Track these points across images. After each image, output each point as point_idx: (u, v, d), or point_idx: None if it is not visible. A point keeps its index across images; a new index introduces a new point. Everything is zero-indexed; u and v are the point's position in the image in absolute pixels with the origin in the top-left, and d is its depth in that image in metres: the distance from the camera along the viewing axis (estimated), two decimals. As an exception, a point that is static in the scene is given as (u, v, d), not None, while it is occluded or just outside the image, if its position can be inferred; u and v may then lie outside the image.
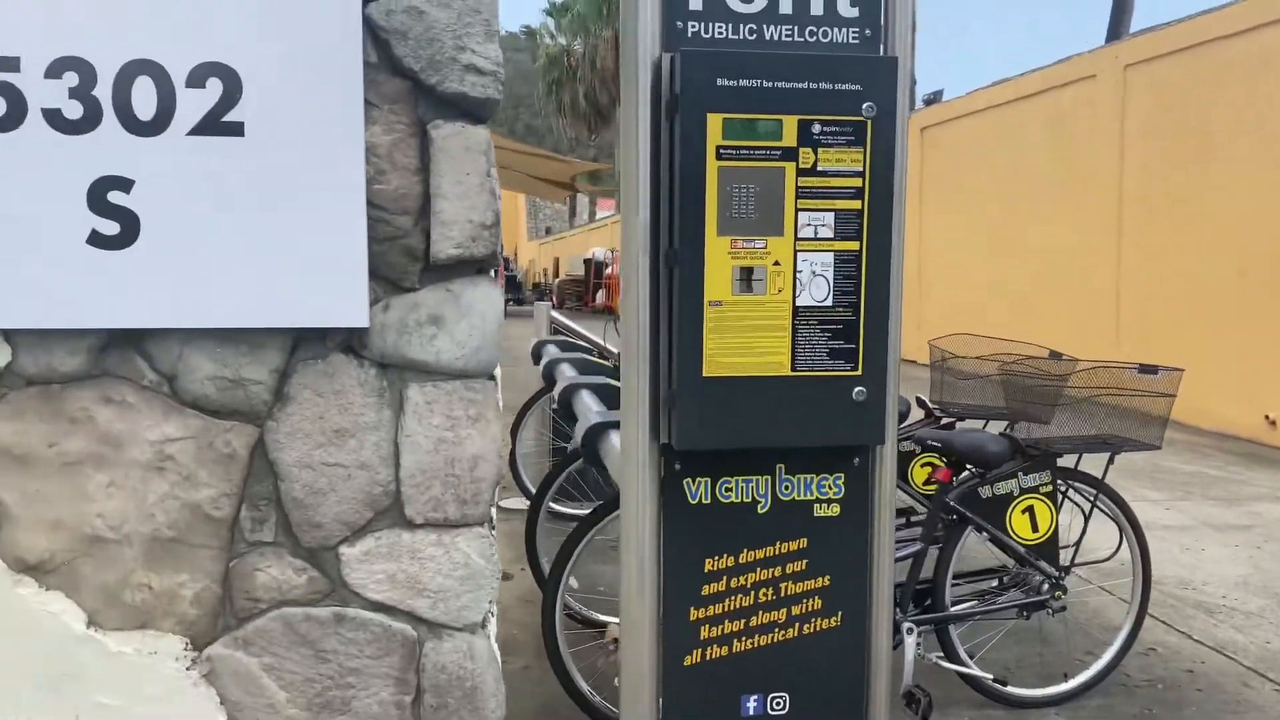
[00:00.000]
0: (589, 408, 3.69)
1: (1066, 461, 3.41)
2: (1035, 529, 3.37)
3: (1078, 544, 3.41)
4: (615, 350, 5.94)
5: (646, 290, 2.10)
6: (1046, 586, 3.35)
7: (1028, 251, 11.17)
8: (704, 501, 2.19)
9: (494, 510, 2.07)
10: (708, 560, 2.20)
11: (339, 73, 1.88)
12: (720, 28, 2.09)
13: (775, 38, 2.12)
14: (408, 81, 1.95)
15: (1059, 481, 3.39)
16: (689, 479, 2.18)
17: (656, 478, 2.16)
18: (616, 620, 3.72)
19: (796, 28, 2.12)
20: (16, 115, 1.80)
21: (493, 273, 2.04)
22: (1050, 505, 3.37)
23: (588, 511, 4.80)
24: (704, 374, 2.06)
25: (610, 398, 3.95)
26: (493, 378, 2.04)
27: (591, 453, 3.38)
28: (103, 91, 1.82)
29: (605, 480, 4.88)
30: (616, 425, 3.34)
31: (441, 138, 1.96)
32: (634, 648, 2.13)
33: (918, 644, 3.13)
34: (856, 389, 2.11)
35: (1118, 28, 15.68)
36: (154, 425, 1.91)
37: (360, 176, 1.90)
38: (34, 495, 1.89)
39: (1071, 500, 3.49)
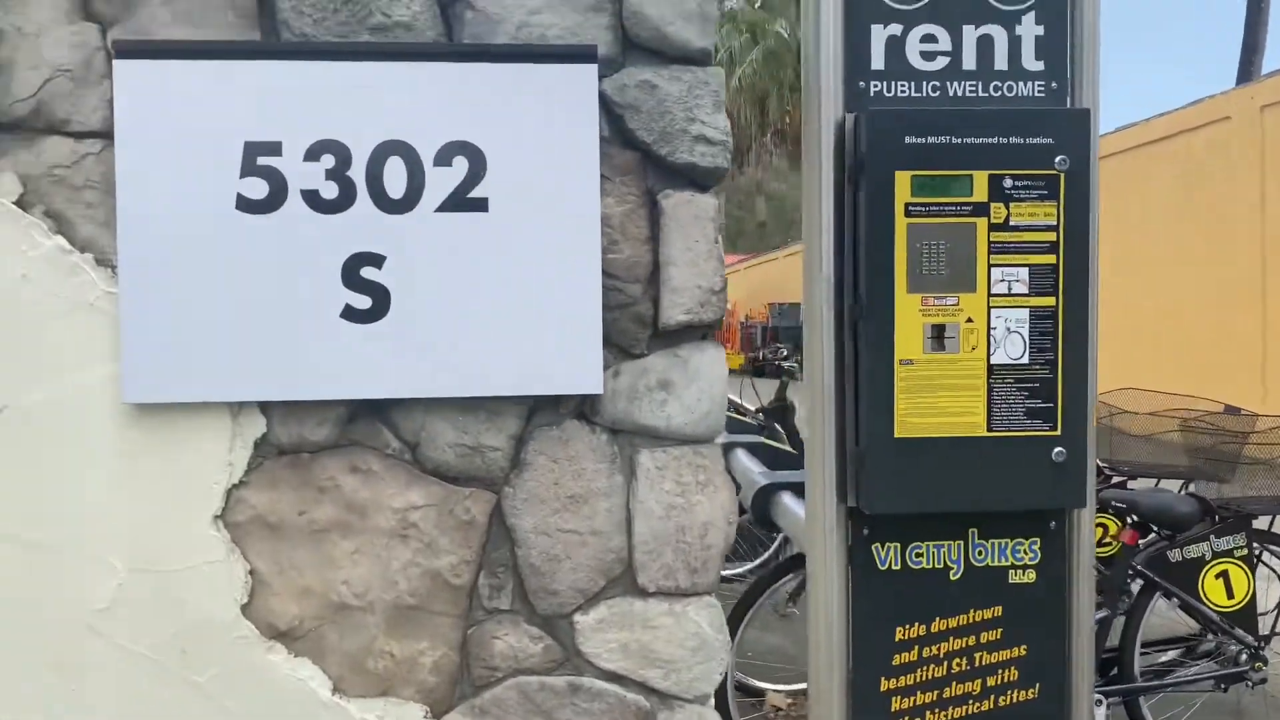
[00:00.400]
0: (750, 469, 3.67)
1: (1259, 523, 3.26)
2: (1230, 595, 3.21)
3: (1278, 612, 3.23)
4: (752, 407, 5.91)
5: (831, 349, 2.09)
6: (1245, 657, 3.18)
7: (1162, 299, 10.83)
8: (894, 567, 2.15)
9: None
10: (899, 628, 2.15)
11: (577, 148, 1.92)
12: (903, 86, 2.11)
13: (959, 94, 2.13)
14: (638, 153, 1.99)
15: (1255, 545, 3.22)
16: (878, 544, 2.14)
17: (844, 543, 2.12)
18: (777, 688, 3.67)
19: (980, 83, 2.12)
20: (278, 197, 1.88)
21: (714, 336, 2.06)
22: (1246, 570, 3.21)
23: (738, 572, 4.76)
24: (895, 435, 2.03)
25: (765, 456, 3.92)
26: (718, 443, 2.04)
27: (763, 515, 3.35)
28: (357, 172, 1.90)
29: (755, 540, 4.84)
30: (787, 487, 3.33)
31: (671, 207, 1.99)
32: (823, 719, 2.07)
33: (1107, 716, 2.99)
34: (1056, 449, 2.06)
35: (1248, 69, 15.29)
36: (397, 493, 1.95)
37: (596, 248, 1.93)
38: (285, 563, 1.94)
39: (1266, 565, 3.31)
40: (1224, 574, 3.21)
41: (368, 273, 1.90)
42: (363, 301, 1.90)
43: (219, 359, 1.89)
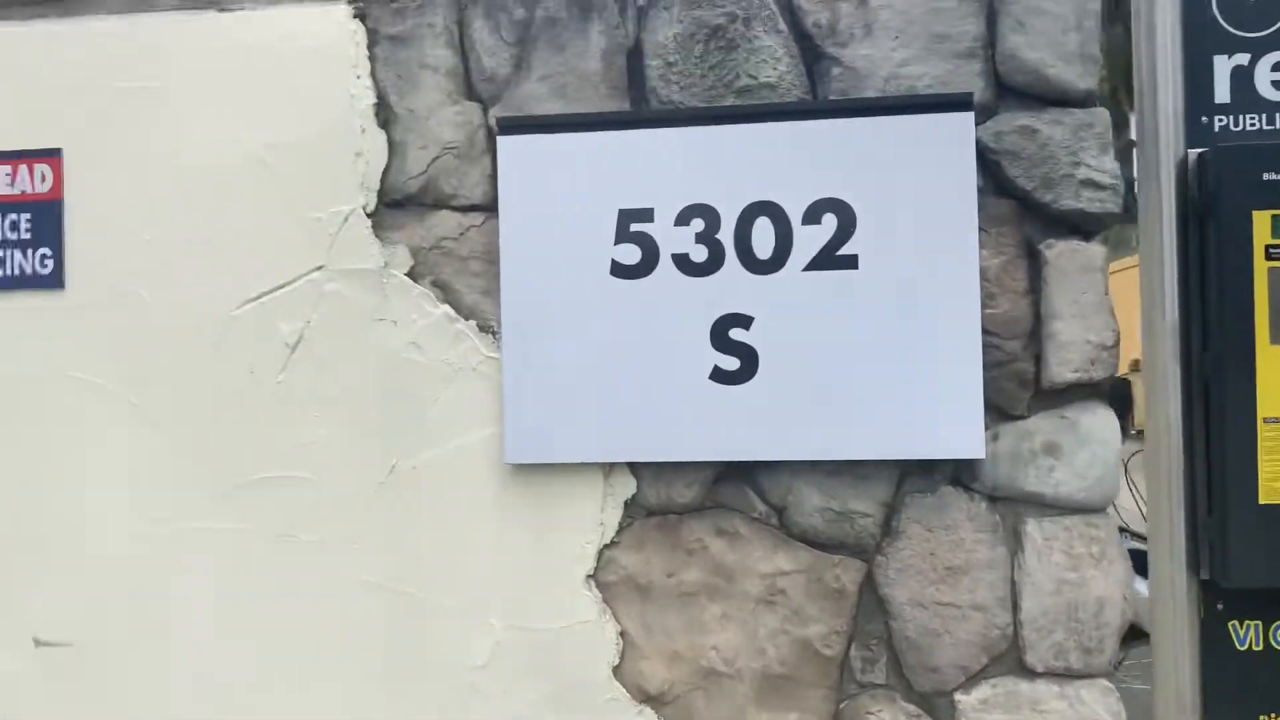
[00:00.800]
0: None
1: None
2: None
3: None
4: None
5: (1178, 405, 1.90)
6: None
7: None
8: (1254, 648, 1.94)
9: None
10: (1263, 717, 1.94)
11: (953, 199, 1.84)
12: (1251, 119, 1.95)
13: (1319, 123, 1.92)
14: (1014, 202, 1.88)
15: None
16: (1235, 621, 1.94)
17: (1196, 620, 1.91)
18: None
19: None
20: (649, 262, 1.91)
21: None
22: None
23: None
24: (1259, 501, 1.84)
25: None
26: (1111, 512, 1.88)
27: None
28: (725, 234, 1.89)
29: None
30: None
31: (1054, 257, 1.86)
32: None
33: None
34: None
35: None
36: (764, 558, 1.91)
37: (975, 303, 1.83)
38: (654, 625, 1.93)
39: None
40: None
41: (736, 334, 1.89)
42: (731, 363, 1.89)
43: (594, 421, 1.92)
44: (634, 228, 1.91)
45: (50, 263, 2.06)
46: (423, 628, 1.98)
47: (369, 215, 2.00)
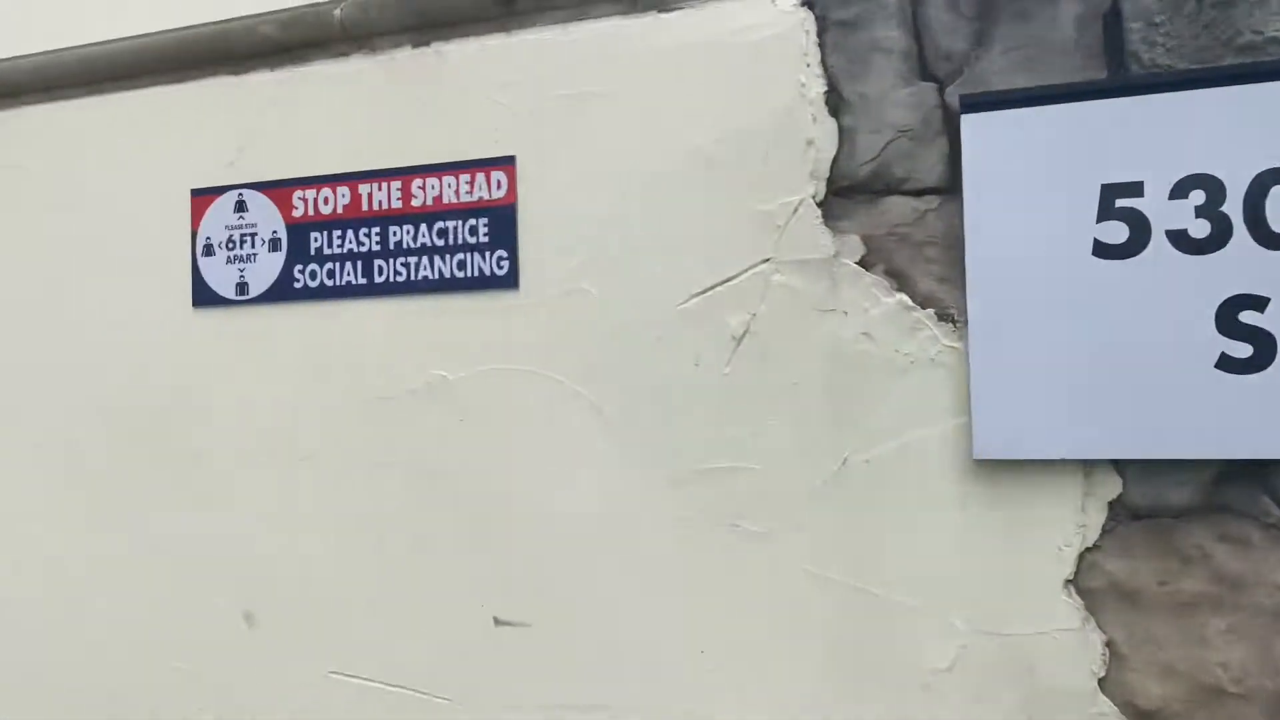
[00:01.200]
0: None
1: None
2: None
3: None
4: None
5: None
6: None
7: None
8: None
9: None
10: None
11: None
12: None
13: None
14: None
15: None
16: None
17: None
18: None
19: None
20: (1139, 240, 1.76)
21: None
22: None
23: None
24: None
25: None
26: None
27: None
28: (1232, 207, 1.71)
29: None
30: None
31: None
32: None
33: None
34: None
35: None
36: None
37: None
38: (1143, 636, 1.78)
39: None
40: None
41: (1247, 317, 1.70)
42: (1242, 349, 1.70)
43: (1074, 414, 1.79)
44: (1120, 203, 1.77)
45: (506, 264, 2.18)
46: (878, 625, 1.93)
47: (818, 205, 1.97)
